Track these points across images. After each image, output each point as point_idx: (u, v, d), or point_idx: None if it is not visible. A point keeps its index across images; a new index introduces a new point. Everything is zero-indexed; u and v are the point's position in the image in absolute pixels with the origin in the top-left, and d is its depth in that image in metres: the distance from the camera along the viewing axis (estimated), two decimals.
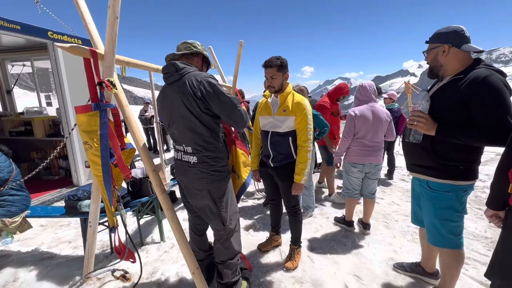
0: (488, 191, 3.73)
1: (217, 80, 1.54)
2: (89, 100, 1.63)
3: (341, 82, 3.75)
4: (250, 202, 3.80)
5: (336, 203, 3.69)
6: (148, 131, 8.10)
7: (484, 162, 5.05)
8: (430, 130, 1.47)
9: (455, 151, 1.50)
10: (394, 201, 3.74)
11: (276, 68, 1.98)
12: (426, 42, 1.61)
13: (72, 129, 2.01)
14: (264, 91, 2.31)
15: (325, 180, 4.10)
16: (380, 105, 3.98)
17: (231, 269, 1.79)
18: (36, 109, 5.14)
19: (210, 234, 1.98)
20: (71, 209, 2.26)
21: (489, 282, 2.02)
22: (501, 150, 4.32)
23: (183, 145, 1.59)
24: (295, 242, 2.35)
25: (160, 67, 2.43)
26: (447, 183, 1.55)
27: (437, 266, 2.00)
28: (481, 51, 1.47)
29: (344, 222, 2.92)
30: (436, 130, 1.45)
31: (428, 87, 1.75)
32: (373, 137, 2.60)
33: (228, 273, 1.78)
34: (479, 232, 2.77)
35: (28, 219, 2.33)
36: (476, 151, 1.51)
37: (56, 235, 3.01)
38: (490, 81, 1.33)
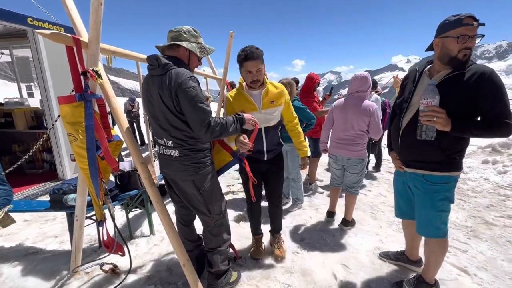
0: (470, 182, 3.91)
1: (196, 82, 1.47)
2: (73, 91, 1.57)
3: (309, 73, 3.92)
4: (240, 195, 3.81)
5: (314, 191, 3.93)
6: (133, 124, 7.90)
7: (466, 155, 5.24)
8: (447, 126, 1.41)
9: (456, 143, 1.53)
10: (381, 193, 3.84)
11: (260, 60, 1.81)
12: (479, 24, 1.44)
13: (56, 121, 1.94)
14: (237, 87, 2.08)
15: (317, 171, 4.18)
16: (374, 98, 3.99)
17: (221, 256, 1.82)
18: (16, 100, 4.92)
19: (198, 226, 1.99)
20: (57, 203, 2.20)
21: (468, 269, 2.14)
22: (482, 143, 4.46)
23: (164, 139, 1.58)
24: (279, 230, 2.41)
25: None
26: (446, 175, 1.59)
27: (420, 254, 2.09)
28: None
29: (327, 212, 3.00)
30: (452, 126, 1.42)
31: (414, 80, 1.72)
32: (346, 129, 2.51)
33: (218, 261, 1.81)
34: (460, 222, 2.90)
35: (11, 213, 2.25)
36: (468, 141, 1.58)
37: (41, 229, 2.94)
38: (497, 77, 1.42)
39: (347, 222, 2.77)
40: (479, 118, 1.50)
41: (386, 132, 4.98)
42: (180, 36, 1.56)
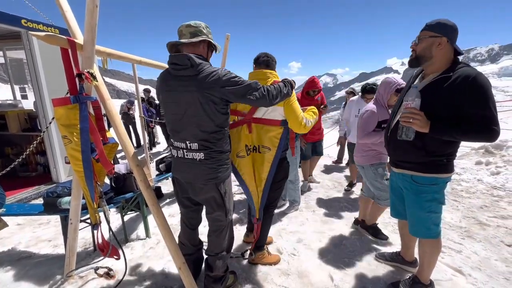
0: (463, 183, 3.96)
1: (231, 72, 1.49)
2: (67, 93, 1.56)
3: (311, 76, 3.87)
4: (237, 197, 3.80)
5: (310, 193, 3.94)
6: (129, 126, 7.84)
7: (460, 156, 5.31)
8: (425, 128, 1.44)
9: (442, 146, 1.54)
10: None
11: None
12: (426, 27, 1.51)
13: (50, 123, 1.93)
14: None
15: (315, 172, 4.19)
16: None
17: (223, 261, 1.80)
18: (10, 102, 4.87)
19: (200, 230, 1.98)
20: (50, 207, 2.17)
21: (462, 269, 2.16)
22: (475, 145, 4.51)
23: (187, 141, 1.53)
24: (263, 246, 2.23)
25: (144, 59, 2.36)
26: (432, 176, 1.60)
27: (415, 255, 2.11)
28: (461, 54, 1.54)
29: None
30: (430, 128, 1.44)
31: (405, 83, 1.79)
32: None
33: (219, 266, 1.79)
34: (454, 222, 2.93)
35: (3, 217, 2.22)
36: (457, 145, 1.59)
37: (35, 233, 2.89)
38: (482, 80, 1.39)
39: (365, 227, 2.66)
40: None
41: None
42: (200, 32, 1.50)
